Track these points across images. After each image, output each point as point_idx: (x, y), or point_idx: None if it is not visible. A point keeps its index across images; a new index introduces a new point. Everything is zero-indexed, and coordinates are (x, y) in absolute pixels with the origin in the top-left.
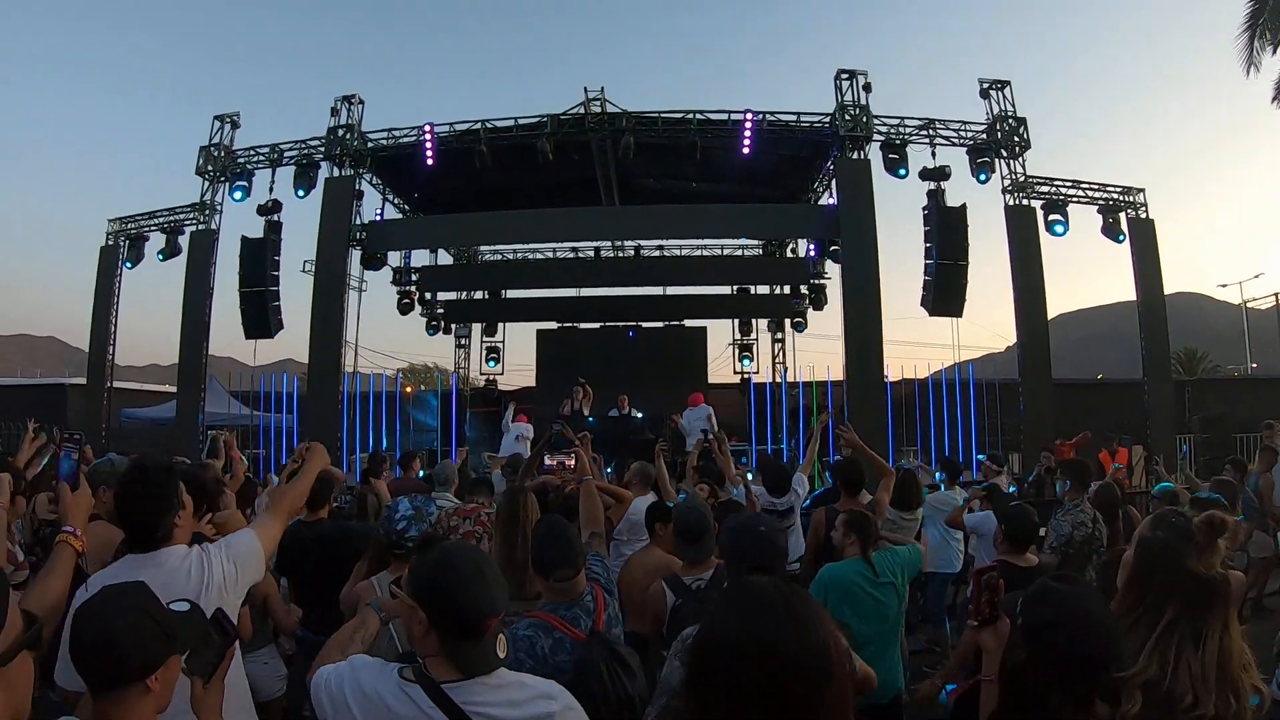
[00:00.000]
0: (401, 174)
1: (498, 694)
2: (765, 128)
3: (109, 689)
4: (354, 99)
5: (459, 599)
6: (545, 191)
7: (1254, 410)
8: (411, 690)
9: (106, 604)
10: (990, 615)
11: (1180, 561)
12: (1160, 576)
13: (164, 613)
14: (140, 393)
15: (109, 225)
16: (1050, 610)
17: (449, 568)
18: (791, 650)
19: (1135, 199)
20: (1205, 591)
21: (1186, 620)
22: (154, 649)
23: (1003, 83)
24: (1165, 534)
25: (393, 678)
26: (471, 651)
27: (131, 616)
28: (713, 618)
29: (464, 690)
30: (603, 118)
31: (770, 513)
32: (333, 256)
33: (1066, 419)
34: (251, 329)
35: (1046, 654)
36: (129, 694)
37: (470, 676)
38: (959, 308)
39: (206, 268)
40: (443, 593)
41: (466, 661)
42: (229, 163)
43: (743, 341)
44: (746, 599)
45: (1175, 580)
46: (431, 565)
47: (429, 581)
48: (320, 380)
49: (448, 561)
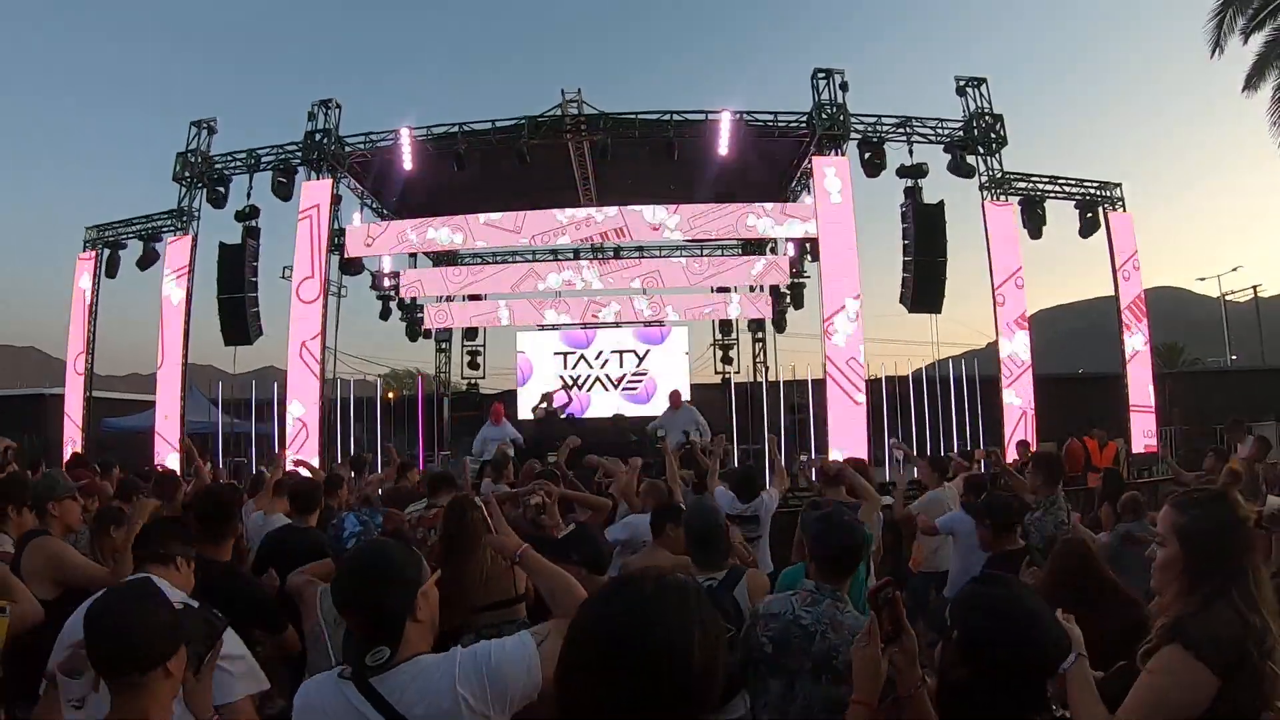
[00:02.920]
0: (379, 178)
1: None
2: (743, 127)
3: (131, 675)
4: (331, 103)
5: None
6: (523, 193)
7: (1233, 402)
8: (344, 687)
9: (124, 597)
10: (894, 632)
11: (1233, 524)
12: (1218, 548)
13: (171, 605)
14: (121, 402)
15: (86, 233)
16: (987, 619)
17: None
18: (665, 643)
19: (1113, 193)
20: (1251, 539)
21: (1241, 571)
22: (170, 636)
23: (979, 80)
24: (1201, 511)
25: (331, 679)
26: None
27: (150, 605)
28: (593, 604)
29: (384, 680)
30: (580, 119)
31: (733, 519)
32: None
33: (1049, 413)
34: (231, 336)
35: (991, 668)
36: (152, 679)
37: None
38: (938, 305)
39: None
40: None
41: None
42: (206, 169)
43: (723, 342)
44: (630, 588)
45: (1233, 542)
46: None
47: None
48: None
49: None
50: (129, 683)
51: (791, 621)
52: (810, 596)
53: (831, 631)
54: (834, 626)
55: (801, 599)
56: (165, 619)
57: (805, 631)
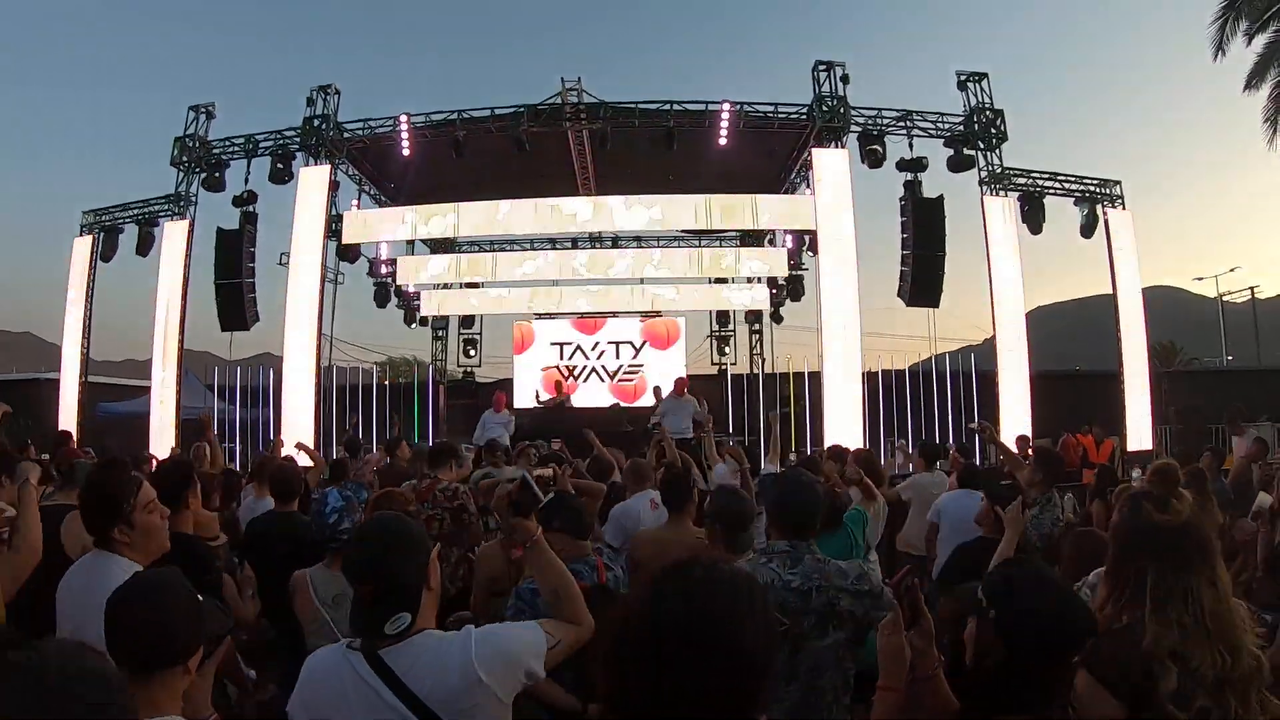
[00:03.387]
0: (377, 164)
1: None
2: (743, 118)
3: (154, 670)
4: (330, 89)
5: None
6: (522, 181)
7: (1228, 402)
8: (353, 658)
9: (154, 586)
10: (913, 618)
11: (1144, 519)
12: (1131, 546)
13: (197, 598)
14: (117, 387)
15: (83, 218)
16: (1027, 600)
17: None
18: (720, 631)
19: (1112, 191)
20: (1177, 540)
21: (1171, 575)
22: (196, 632)
23: (980, 75)
24: (1122, 509)
25: (340, 651)
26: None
27: (181, 598)
28: (645, 592)
29: (395, 653)
30: (579, 107)
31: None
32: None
33: (1046, 410)
34: (228, 321)
35: (1032, 647)
36: (172, 675)
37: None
38: (936, 299)
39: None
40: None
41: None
42: (204, 154)
43: (720, 333)
44: (681, 575)
45: (1145, 538)
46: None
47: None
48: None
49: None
50: (154, 677)
51: (781, 588)
52: (788, 557)
53: (824, 581)
54: (824, 577)
55: (780, 562)
56: (192, 614)
57: (797, 592)
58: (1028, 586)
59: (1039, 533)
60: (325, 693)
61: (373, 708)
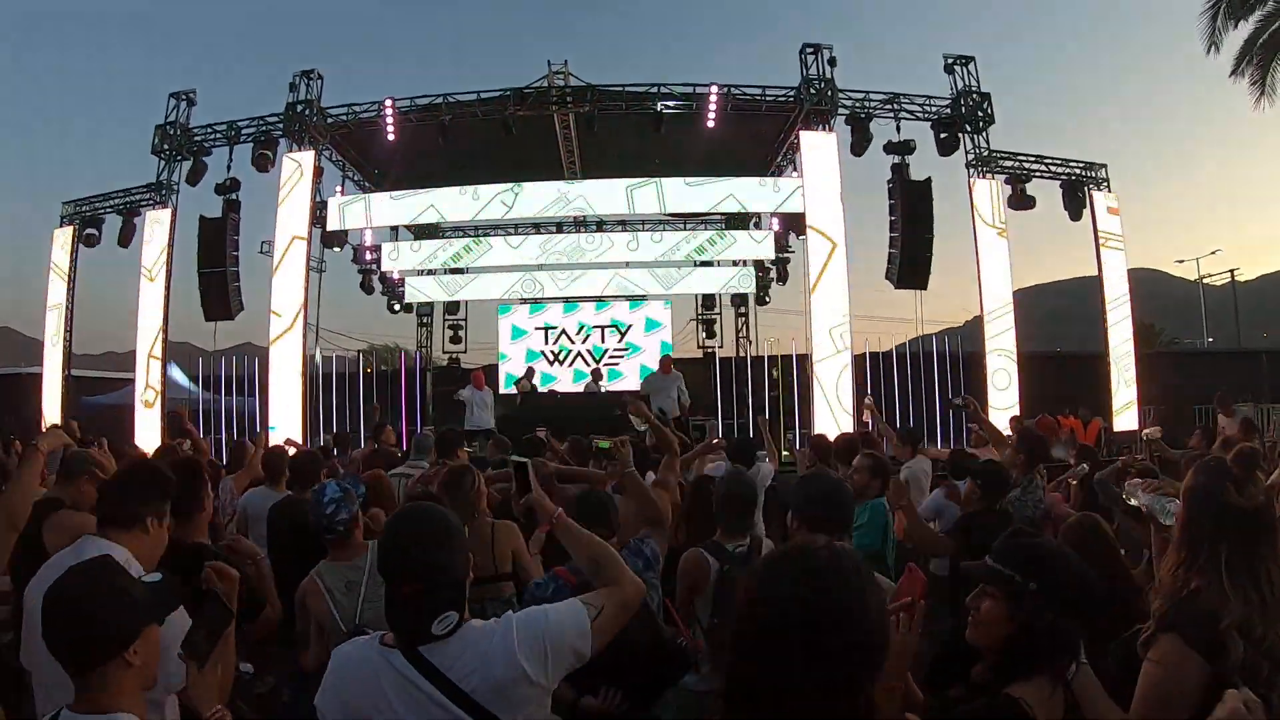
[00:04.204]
0: (361, 150)
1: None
2: (730, 101)
3: (89, 668)
4: (313, 74)
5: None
6: (508, 166)
7: (1209, 383)
8: (390, 655)
9: (74, 581)
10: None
11: (1220, 498)
12: (1207, 518)
13: (134, 583)
14: (99, 380)
15: (63, 208)
16: (1068, 565)
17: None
18: (845, 611)
19: (1097, 174)
20: (1250, 522)
21: (1239, 555)
22: (128, 620)
23: (967, 58)
24: (1204, 478)
25: (373, 647)
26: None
27: (102, 589)
28: (768, 574)
29: (437, 649)
30: (566, 91)
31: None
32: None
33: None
34: (211, 311)
35: (1076, 609)
36: (110, 670)
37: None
38: (924, 281)
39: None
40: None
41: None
42: (185, 141)
43: (705, 316)
44: (803, 557)
45: (1221, 517)
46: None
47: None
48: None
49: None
50: (93, 674)
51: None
52: None
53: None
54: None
55: None
56: (124, 600)
57: None
58: (1054, 557)
59: (1022, 516)
60: (362, 690)
61: (419, 706)
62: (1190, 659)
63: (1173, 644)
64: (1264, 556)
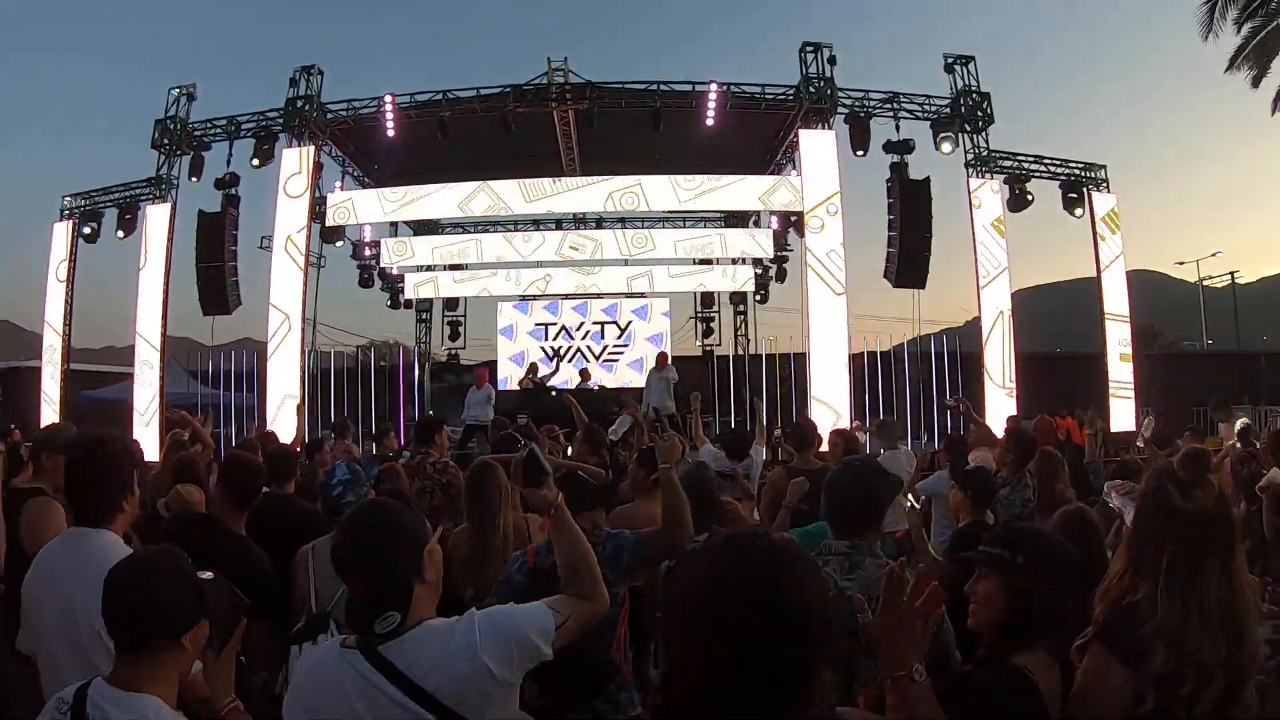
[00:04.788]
0: (361, 145)
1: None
2: (730, 99)
3: (145, 645)
4: (313, 69)
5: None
6: (507, 162)
7: (1208, 385)
8: (350, 657)
9: (150, 563)
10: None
11: (1165, 500)
12: (1154, 524)
13: (197, 577)
14: (98, 374)
15: (63, 202)
16: (1046, 542)
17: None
18: (775, 593)
19: (1097, 175)
20: (1195, 526)
21: (1182, 560)
22: (192, 609)
23: (967, 58)
24: (1153, 482)
25: (334, 651)
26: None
27: (176, 575)
28: (697, 559)
29: (395, 648)
30: (566, 87)
31: (724, 476)
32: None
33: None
34: (209, 305)
35: (1068, 583)
36: (166, 651)
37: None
38: (922, 280)
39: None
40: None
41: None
42: (185, 136)
43: (704, 314)
44: (733, 543)
45: (1165, 520)
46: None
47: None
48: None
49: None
50: (143, 651)
51: (834, 596)
52: (846, 559)
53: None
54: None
55: (837, 565)
56: (192, 591)
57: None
58: (1038, 534)
59: (1009, 514)
60: (325, 695)
61: (380, 708)
62: (1114, 669)
63: (1100, 653)
64: (1208, 564)
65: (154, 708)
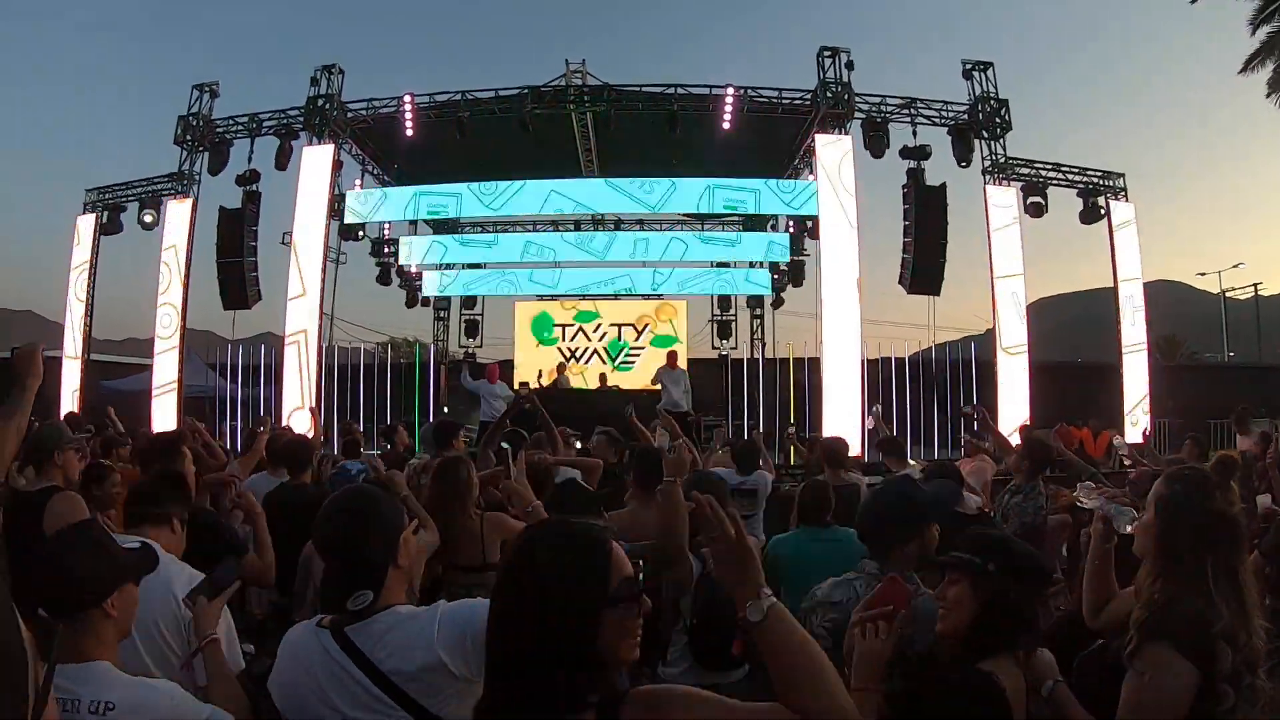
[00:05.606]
0: (380, 144)
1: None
2: (747, 103)
3: (70, 614)
4: (334, 69)
5: None
6: (525, 163)
7: (1228, 397)
8: (322, 635)
9: (63, 539)
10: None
11: (1206, 505)
12: (1186, 527)
13: (114, 545)
14: (119, 365)
15: (86, 196)
16: (1014, 549)
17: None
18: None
19: (1115, 183)
20: (1233, 530)
21: (1223, 564)
22: (107, 577)
23: (985, 64)
24: (1182, 486)
25: (310, 628)
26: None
27: (86, 547)
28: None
29: (360, 630)
30: (583, 90)
31: (735, 492)
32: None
33: (1046, 401)
34: (230, 300)
35: (1035, 583)
36: (90, 618)
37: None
38: (937, 287)
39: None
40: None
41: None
42: (207, 132)
43: (721, 318)
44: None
45: (1206, 525)
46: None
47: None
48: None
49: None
50: (70, 621)
51: (847, 605)
52: (874, 579)
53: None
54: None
55: (866, 584)
56: (105, 561)
57: None
58: (1006, 540)
59: (1021, 521)
60: (297, 669)
61: (340, 683)
62: (1182, 666)
63: (1163, 652)
64: (1238, 562)
65: (105, 672)
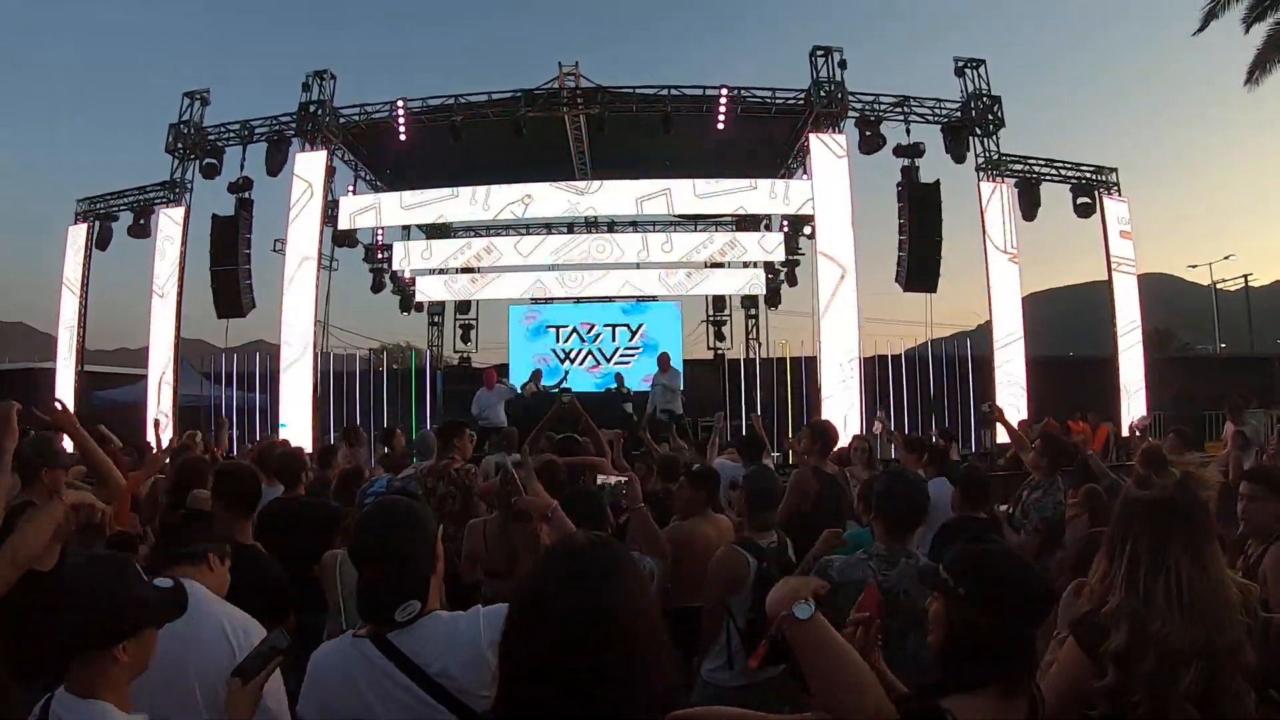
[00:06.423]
0: (373, 150)
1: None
2: (740, 103)
3: (78, 652)
4: (325, 74)
5: None
6: (518, 166)
7: (1220, 389)
8: (361, 646)
9: (86, 571)
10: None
11: (1126, 495)
12: (1118, 519)
13: (142, 585)
14: (112, 376)
15: (77, 205)
16: (990, 571)
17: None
18: (559, 610)
19: (1108, 178)
20: (1156, 514)
21: (1146, 550)
22: (126, 619)
23: (978, 61)
24: (1115, 483)
25: (346, 642)
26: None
27: (107, 585)
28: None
29: (403, 636)
30: (577, 92)
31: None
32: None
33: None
34: (223, 308)
35: (1013, 614)
36: (97, 659)
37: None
38: (933, 284)
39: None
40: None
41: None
42: (199, 140)
43: (716, 318)
44: (555, 557)
45: (1128, 513)
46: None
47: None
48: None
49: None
50: (88, 659)
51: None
52: (885, 560)
53: (911, 586)
54: (913, 582)
55: (878, 563)
56: (125, 599)
57: (887, 595)
58: (988, 560)
59: (1040, 516)
60: (335, 686)
61: (385, 691)
62: (1075, 655)
63: (1068, 644)
64: (1173, 548)
65: (102, 712)
